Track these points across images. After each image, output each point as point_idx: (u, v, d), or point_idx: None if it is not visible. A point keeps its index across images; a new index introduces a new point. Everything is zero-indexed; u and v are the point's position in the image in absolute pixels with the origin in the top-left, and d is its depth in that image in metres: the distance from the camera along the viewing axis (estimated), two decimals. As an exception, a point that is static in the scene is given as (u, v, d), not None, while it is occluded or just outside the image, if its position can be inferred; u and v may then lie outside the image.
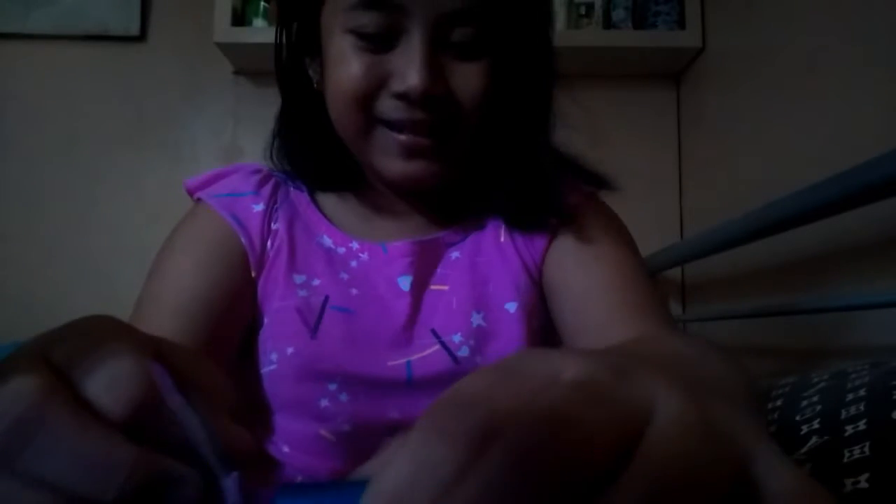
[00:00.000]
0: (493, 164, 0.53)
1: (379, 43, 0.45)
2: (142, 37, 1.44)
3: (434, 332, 0.51)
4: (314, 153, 0.55)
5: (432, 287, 0.53)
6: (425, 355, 0.50)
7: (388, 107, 0.46)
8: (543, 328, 0.54)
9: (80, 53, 1.43)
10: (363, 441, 0.49)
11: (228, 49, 1.32)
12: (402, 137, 0.46)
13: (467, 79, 0.46)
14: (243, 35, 1.29)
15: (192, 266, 0.50)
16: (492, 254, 0.55)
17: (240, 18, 1.32)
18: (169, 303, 0.48)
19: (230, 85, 1.44)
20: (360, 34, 0.45)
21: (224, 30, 1.28)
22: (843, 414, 0.47)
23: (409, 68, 0.44)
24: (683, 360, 0.30)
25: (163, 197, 1.38)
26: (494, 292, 0.53)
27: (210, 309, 0.48)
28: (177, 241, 0.52)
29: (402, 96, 0.45)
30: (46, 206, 1.41)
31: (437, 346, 0.50)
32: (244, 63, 1.39)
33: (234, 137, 1.44)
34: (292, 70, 0.53)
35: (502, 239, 0.55)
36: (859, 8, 0.81)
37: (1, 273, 1.39)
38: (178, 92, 1.44)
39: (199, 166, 1.42)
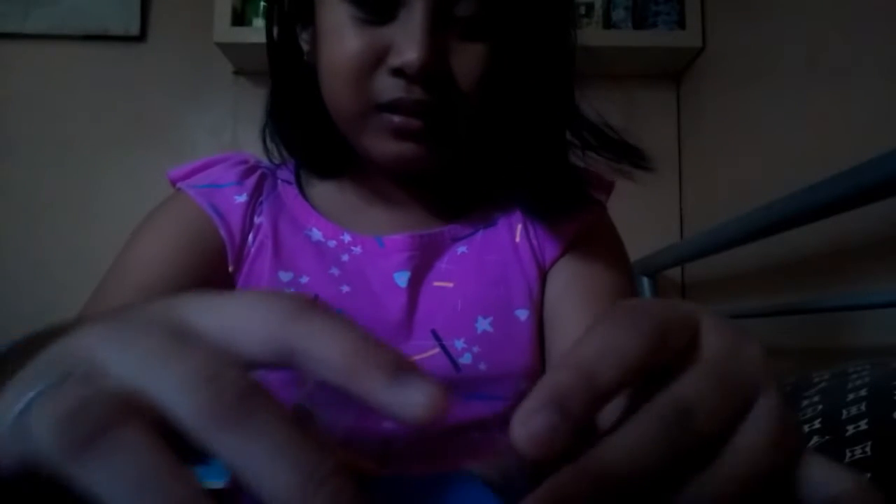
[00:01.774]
0: (504, 153, 0.50)
1: (376, 14, 0.41)
2: (142, 37, 1.43)
3: (434, 334, 0.47)
4: (306, 131, 0.52)
5: (435, 284, 0.50)
6: (423, 357, 0.47)
7: (385, 86, 0.42)
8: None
9: (80, 53, 1.43)
10: (357, 451, 0.45)
11: (228, 49, 1.32)
12: (396, 119, 0.43)
13: (469, 60, 0.43)
14: (243, 35, 1.29)
15: (163, 249, 0.47)
16: (506, 254, 0.51)
17: (240, 18, 1.32)
18: (134, 281, 0.45)
19: (230, 85, 1.44)
20: (355, 3, 0.41)
21: (224, 30, 1.28)
22: (844, 414, 0.47)
23: (407, 41, 0.40)
24: None
25: (163, 197, 1.38)
26: (506, 296, 0.49)
27: (178, 291, 0.45)
28: (149, 224, 0.50)
29: (398, 72, 0.41)
30: (46, 206, 1.40)
31: (437, 350, 0.47)
32: (244, 63, 1.39)
33: (234, 137, 1.44)
34: (283, 40, 0.50)
35: (517, 239, 0.52)
36: (859, 8, 0.81)
37: (0, 272, 1.39)
38: (178, 92, 1.44)
39: (199, 166, 1.42)
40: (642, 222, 1.35)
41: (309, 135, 0.52)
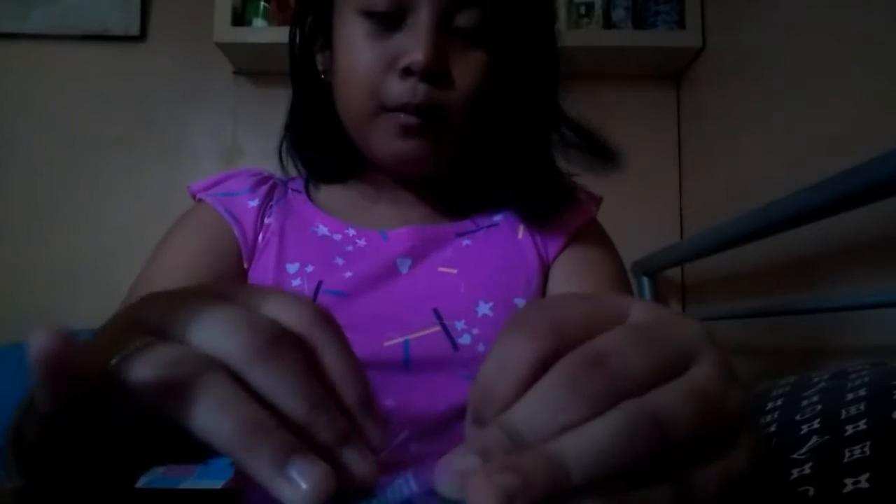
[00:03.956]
0: (499, 157, 0.54)
1: (387, 23, 0.47)
2: (142, 37, 1.43)
3: (436, 312, 0.50)
4: (320, 142, 0.57)
5: (440, 269, 0.53)
6: (424, 335, 0.48)
7: (393, 90, 0.47)
8: None
9: (80, 53, 1.43)
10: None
11: (228, 49, 1.32)
12: (402, 116, 0.48)
13: (467, 66, 0.48)
14: (243, 35, 1.29)
15: (187, 253, 0.52)
16: (508, 248, 0.55)
17: (240, 18, 1.32)
18: (168, 277, 0.49)
19: (230, 85, 1.44)
20: (370, 14, 0.48)
21: (224, 30, 1.28)
22: (844, 414, 0.47)
23: (414, 44, 0.46)
24: None
25: (163, 197, 1.38)
26: (507, 285, 0.52)
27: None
28: (174, 233, 0.55)
29: (406, 71, 0.47)
30: (46, 206, 1.40)
31: (438, 328, 0.49)
32: (244, 63, 1.39)
33: (234, 137, 1.44)
34: (304, 64, 0.56)
35: (520, 236, 0.56)
36: (859, 8, 0.81)
37: (0, 272, 1.39)
38: (178, 92, 1.44)
39: (199, 166, 1.42)
40: (642, 222, 1.35)
41: (323, 146, 0.58)
